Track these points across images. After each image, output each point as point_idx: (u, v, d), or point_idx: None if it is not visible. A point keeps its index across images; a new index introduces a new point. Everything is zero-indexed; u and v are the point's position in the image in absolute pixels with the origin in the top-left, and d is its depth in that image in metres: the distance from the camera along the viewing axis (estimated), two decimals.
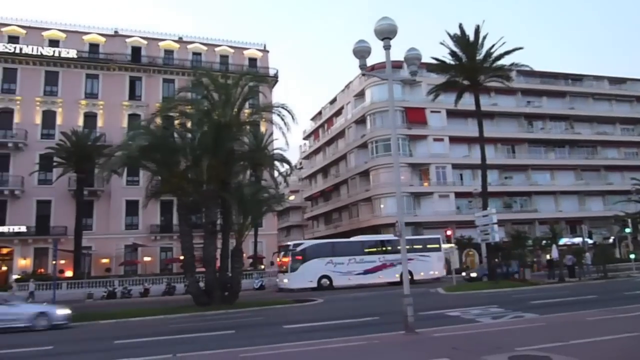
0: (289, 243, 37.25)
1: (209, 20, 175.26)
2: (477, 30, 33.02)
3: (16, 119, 44.60)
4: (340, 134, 65.75)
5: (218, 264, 26.14)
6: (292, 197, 75.58)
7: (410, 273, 33.98)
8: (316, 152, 75.22)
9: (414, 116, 55.69)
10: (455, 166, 55.84)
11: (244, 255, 31.91)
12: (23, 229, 42.28)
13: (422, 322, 13.11)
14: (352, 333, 13.01)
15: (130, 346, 13.72)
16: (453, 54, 33.69)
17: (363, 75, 52.49)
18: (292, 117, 26.50)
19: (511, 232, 38.64)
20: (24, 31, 46.67)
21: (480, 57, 33.27)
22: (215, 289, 24.10)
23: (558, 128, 62.65)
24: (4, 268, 42.31)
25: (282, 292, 34.21)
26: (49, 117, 45.64)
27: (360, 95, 60.74)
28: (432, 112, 56.18)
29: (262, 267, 46.14)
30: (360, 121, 59.70)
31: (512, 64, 33.61)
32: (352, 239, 39.12)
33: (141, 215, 44.40)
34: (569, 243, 47.59)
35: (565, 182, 60.13)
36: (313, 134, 77.99)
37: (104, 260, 43.54)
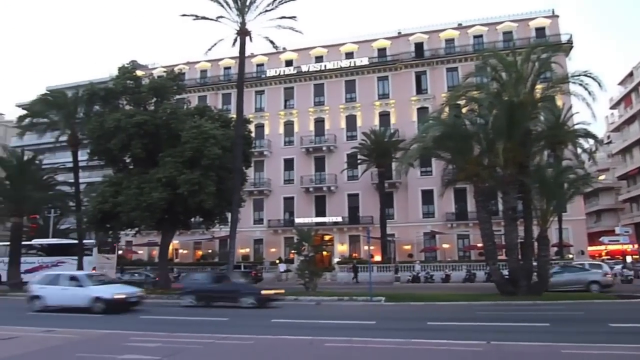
0: None
1: None
2: None
3: (327, 125, 52.36)
4: None
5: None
6: (601, 177, 65.80)
7: None
8: (629, 121, 63.43)
9: None
10: None
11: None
12: (339, 219, 49.33)
13: None
14: None
15: (443, 329, 14.34)
16: None
17: None
18: (599, 84, 23.07)
19: None
20: (325, 50, 54.45)
21: None
22: (521, 278, 22.92)
23: None
24: (326, 253, 50.00)
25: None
26: (351, 121, 51.95)
27: None
28: None
29: (570, 256, 41.71)
30: None
31: None
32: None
33: (436, 203, 46.04)
34: None
35: None
36: (623, 100, 66.05)
37: (406, 247, 46.91)
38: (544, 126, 27.52)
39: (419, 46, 51.51)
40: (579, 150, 33.46)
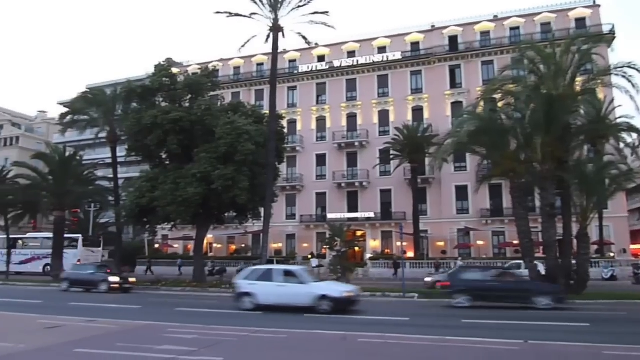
0: None
1: None
2: None
3: (359, 121, 52.08)
4: None
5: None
6: None
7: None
8: None
9: None
10: None
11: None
12: (371, 214, 49.05)
13: None
14: None
15: (478, 326, 14.13)
16: None
17: None
18: None
19: None
20: (358, 45, 54.10)
21: None
22: (559, 276, 22.30)
23: None
24: (358, 248, 49.88)
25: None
26: (383, 116, 51.47)
27: None
28: None
29: (612, 254, 40.31)
30: None
31: None
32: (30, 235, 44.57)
33: (471, 199, 45.22)
34: None
35: None
36: None
37: (439, 243, 46.27)
38: (584, 120, 26.59)
39: (453, 39, 50.52)
40: (622, 145, 32.15)
